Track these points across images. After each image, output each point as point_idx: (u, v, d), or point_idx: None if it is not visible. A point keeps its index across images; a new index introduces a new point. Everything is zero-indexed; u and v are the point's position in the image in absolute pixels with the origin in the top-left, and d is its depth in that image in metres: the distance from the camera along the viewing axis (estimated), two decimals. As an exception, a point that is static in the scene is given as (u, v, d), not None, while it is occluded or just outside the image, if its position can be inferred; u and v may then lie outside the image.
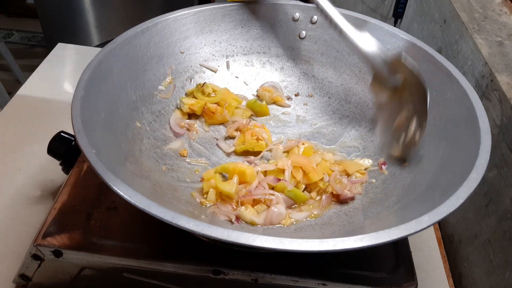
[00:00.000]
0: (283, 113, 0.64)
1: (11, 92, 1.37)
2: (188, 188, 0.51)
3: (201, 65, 0.62)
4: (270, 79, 0.66)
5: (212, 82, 0.63)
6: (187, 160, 0.55)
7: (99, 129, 0.44)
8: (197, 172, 0.54)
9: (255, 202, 0.48)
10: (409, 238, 0.48)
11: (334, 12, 0.56)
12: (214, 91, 0.60)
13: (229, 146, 0.58)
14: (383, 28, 0.60)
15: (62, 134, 0.56)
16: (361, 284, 0.44)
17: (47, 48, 1.55)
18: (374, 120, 0.59)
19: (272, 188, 0.50)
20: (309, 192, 0.51)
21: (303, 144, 0.56)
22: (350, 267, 0.45)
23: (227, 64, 0.65)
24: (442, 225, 0.65)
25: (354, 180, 0.52)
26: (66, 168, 0.56)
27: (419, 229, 0.35)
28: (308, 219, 0.48)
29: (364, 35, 0.54)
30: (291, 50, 0.66)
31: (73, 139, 0.55)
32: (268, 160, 0.56)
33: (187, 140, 0.57)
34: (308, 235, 0.46)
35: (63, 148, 0.55)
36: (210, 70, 0.63)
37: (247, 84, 0.66)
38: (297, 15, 0.64)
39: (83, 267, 0.46)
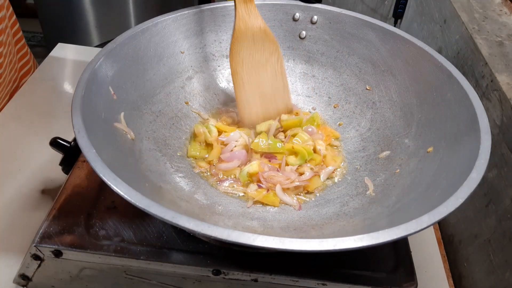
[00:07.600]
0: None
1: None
2: (189, 188, 0.51)
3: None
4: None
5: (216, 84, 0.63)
6: (189, 159, 0.55)
7: (99, 129, 0.44)
8: (197, 171, 0.54)
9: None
10: (409, 238, 0.48)
11: None
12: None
13: None
14: (383, 28, 0.60)
15: (58, 140, 0.55)
16: (361, 284, 0.44)
17: (47, 48, 1.55)
18: (373, 120, 0.60)
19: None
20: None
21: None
22: (350, 267, 0.45)
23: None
24: (442, 225, 0.65)
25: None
26: (66, 168, 0.56)
27: (419, 229, 0.35)
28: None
29: None
30: (291, 50, 0.66)
31: (68, 145, 0.55)
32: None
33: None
34: (308, 235, 0.46)
35: (65, 148, 0.55)
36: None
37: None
38: (297, 15, 0.64)
39: (83, 267, 0.46)
